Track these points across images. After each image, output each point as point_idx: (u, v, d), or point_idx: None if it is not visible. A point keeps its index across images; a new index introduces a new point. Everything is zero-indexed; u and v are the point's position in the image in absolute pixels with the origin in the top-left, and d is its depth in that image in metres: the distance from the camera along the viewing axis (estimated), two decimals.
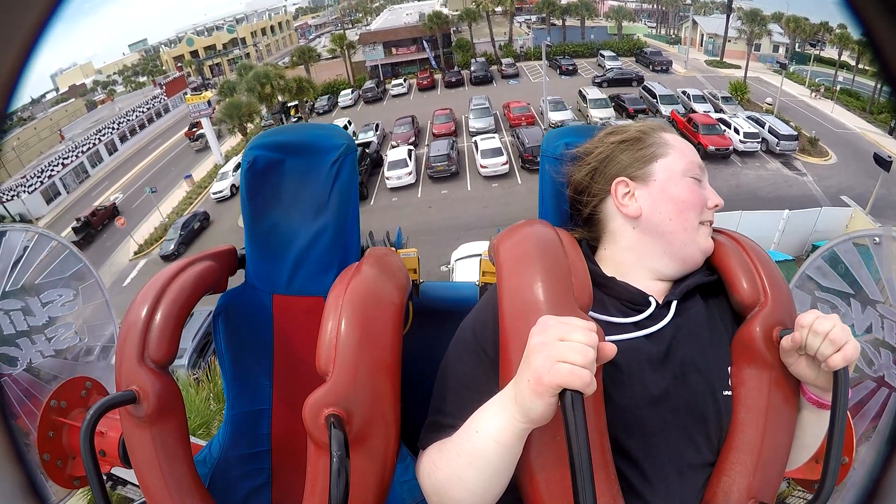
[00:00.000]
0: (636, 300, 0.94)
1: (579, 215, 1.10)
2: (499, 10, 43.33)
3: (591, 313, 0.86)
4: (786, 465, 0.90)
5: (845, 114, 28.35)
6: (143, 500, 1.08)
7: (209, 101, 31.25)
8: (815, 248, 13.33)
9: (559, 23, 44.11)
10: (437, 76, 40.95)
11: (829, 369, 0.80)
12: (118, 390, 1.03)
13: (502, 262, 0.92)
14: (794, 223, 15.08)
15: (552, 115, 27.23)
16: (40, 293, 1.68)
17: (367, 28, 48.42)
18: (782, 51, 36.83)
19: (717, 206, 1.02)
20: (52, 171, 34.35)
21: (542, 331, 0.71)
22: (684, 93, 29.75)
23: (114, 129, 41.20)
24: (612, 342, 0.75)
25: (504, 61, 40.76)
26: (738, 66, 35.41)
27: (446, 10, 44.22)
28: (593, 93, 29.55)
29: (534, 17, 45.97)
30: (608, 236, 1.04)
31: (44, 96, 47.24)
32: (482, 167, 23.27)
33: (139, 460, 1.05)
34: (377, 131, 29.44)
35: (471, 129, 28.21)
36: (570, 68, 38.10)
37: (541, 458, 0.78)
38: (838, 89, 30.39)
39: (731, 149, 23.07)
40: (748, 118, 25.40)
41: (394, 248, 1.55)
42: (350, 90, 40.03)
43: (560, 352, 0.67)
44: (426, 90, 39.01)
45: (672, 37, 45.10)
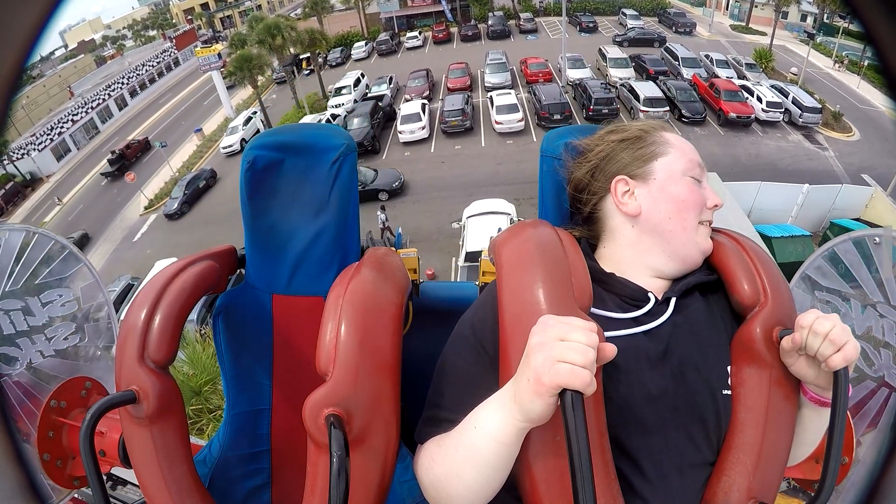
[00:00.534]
0: (635, 296, 0.94)
1: (579, 214, 1.10)
2: None
3: (590, 309, 0.86)
4: (786, 465, 0.90)
5: (872, 90, 27.06)
6: (143, 500, 1.08)
7: (219, 54, 30.63)
8: (832, 225, 13.41)
9: None
10: (454, 29, 40.26)
11: (829, 369, 0.80)
12: (118, 390, 1.04)
13: (503, 262, 0.92)
14: (812, 198, 14.87)
15: (570, 73, 26.61)
16: (40, 293, 1.67)
17: None
18: (810, 21, 35.47)
19: (716, 205, 1.02)
20: (61, 128, 34.28)
21: (542, 330, 0.71)
22: (707, 56, 28.80)
23: (123, 84, 41.13)
24: (611, 338, 0.75)
25: (522, 16, 39.80)
26: (763, 33, 34.21)
27: None
28: (613, 52, 28.75)
29: None
30: (608, 234, 1.04)
31: (52, 53, 46.92)
32: (497, 123, 22.82)
33: (139, 460, 1.06)
34: (391, 84, 29.02)
35: (486, 85, 27.70)
36: (591, 25, 37.09)
37: (540, 457, 0.78)
38: (866, 64, 29.23)
39: (752, 117, 22.50)
40: (772, 87, 24.53)
41: (394, 248, 1.53)
42: (364, 42, 39.41)
43: (560, 352, 0.68)
44: (442, 43, 38.35)
45: None
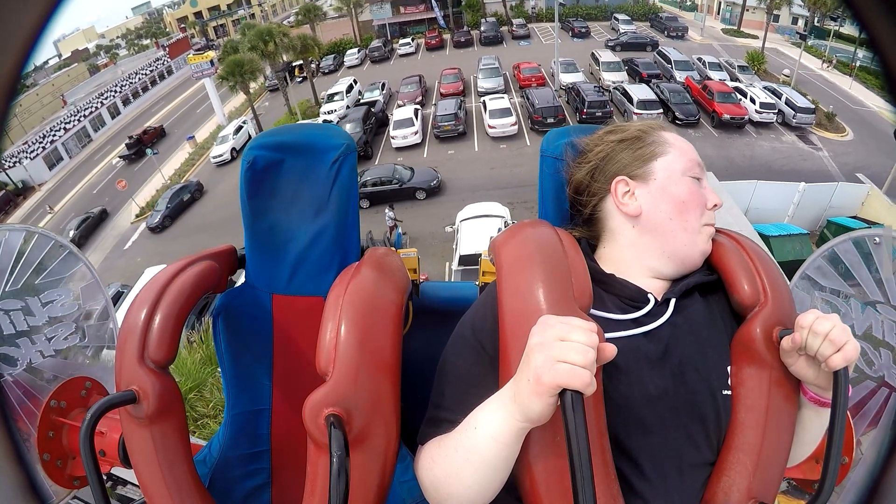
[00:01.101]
0: (635, 297, 0.94)
1: (580, 214, 1.10)
2: None
3: (590, 310, 0.86)
4: (786, 466, 0.90)
5: (864, 91, 27.41)
6: (143, 500, 1.08)
7: (212, 61, 30.69)
8: (829, 223, 13.34)
9: None
10: (446, 36, 40.41)
11: (829, 369, 0.80)
12: (118, 390, 1.03)
13: (503, 262, 0.92)
14: (809, 197, 14.87)
15: (563, 77, 26.75)
16: (40, 293, 1.67)
17: None
18: (801, 23, 35.75)
19: (716, 206, 1.01)
20: (53, 136, 34.23)
21: (542, 330, 0.71)
22: (700, 59, 29.09)
23: (116, 92, 41.12)
24: (611, 340, 0.75)
25: (515, 22, 40.11)
26: (755, 37, 34.54)
27: None
28: (606, 55, 28.98)
29: None
30: (608, 235, 1.04)
31: (46, 63, 46.88)
32: (490, 127, 22.90)
33: (139, 460, 1.05)
34: (383, 90, 29.12)
35: (479, 90, 27.79)
36: (583, 31, 37.41)
37: (540, 457, 0.78)
38: (857, 66, 29.52)
39: (746, 118, 22.61)
40: (765, 88, 24.72)
41: (394, 248, 1.53)
42: (356, 49, 39.61)
43: (560, 352, 0.67)
44: (434, 50, 38.50)
45: (689, 3, 43.75)
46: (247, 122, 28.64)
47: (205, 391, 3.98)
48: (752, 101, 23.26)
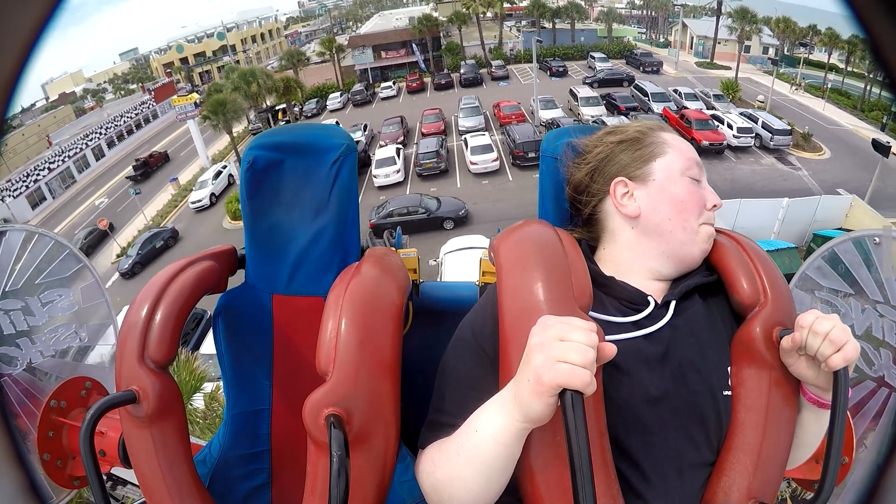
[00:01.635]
0: (635, 300, 0.93)
1: (579, 215, 1.10)
2: (489, 14, 43.45)
3: (590, 313, 0.85)
4: (786, 465, 0.89)
5: (837, 111, 28.66)
6: (143, 500, 1.08)
7: (196, 103, 31.11)
8: (815, 237, 13.32)
9: (549, 26, 44.39)
10: (427, 79, 41.04)
11: (829, 369, 0.79)
12: (118, 390, 1.03)
13: (502, 262, 0.91)
14: (793, 212, 15.02)
15: (542, 113, 27.15)
16: (40, 293, 1.68)
17: (357, 31, 48.50)
18: (772, 52, 37.23)
19: (715, 206, 1.01)
20: (37, 175, 34.29)
21: (542, 330, 0.71)
22: (676, 91, 29.83)
23: (101, 134, 41.09)
24: (611, 342, 0.75)
25: (494, 63, 40.92)
26: (728, 67, 35.83)
27: (436, 14, 44.27)
28: (584, 91, 29.55)
29: (524, 21, 46.11)
30: (607, 236, 1.04)
31: (34, 105, 47.14)
32: (472, 164, 23.05)
33: (139, 460, 1.05)
34: (365, 132, 29.38)
35: (460, 129, 28.09)
36: (561, 70, 38.31)
37: (541, 458, 0.78)
38: (828, 87, 30.61)
39: (724, 143, 23.06)
40: (741, 114, 25.37)
41: (394, 248, 1.55)
42: (339, 93, 40.08)
43: (560, 352, 0.67)
44: (416, 92, 39.07)
45: (662, 40, 45.38)
46: (227, 165, 28.63)
47: (188, 403, 4.00)
48: (730, 126, 23.80)
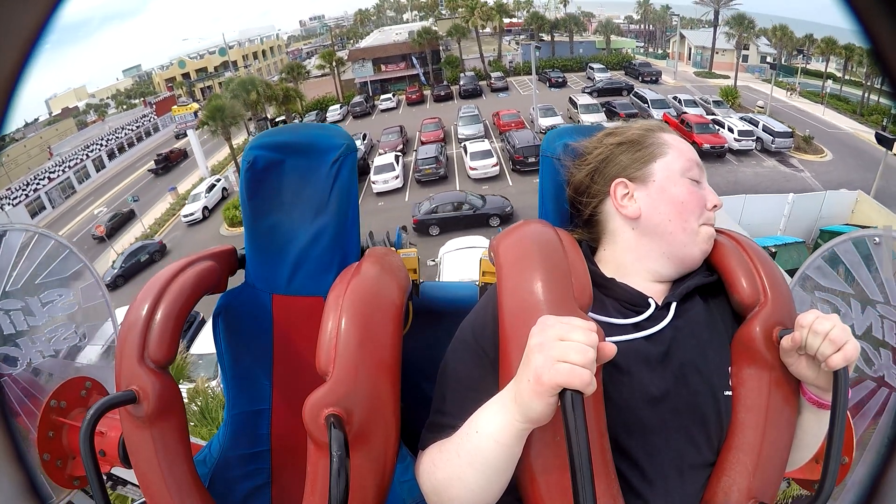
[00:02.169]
0: (635, 301, 0.93)
1: (579, 216, 1.09)
2: (487, 30, 43.85)
3: (590, 314, 0.85)
4: (786, 465, 0.89)
5: (837, 116, 28.96)
6: (143, 500, 1.08)
7: (195, 113, 31.44)
8: (822, 232, 13.15)
9: (548, 38, 44.70)
10: (426, 91, 41.28)
11: (829, 369, 0.79)
12: (118, 390, 1.03)
13: (502, 261, 0.91)
14: (799, 208, 14.90)
15: (542, 121, 27.24)
16: (40, 293, 1.67)
17: (357, 45, 48.93)
18: (770, 59, 37.57)
19: (716, 206, 1.01)
20: (37, 184, 34.46)
21: (541, 330, 0.71)
22: (675, 98, 29.99)
23: (102, 146, 41.28)
24: (612, 343, 0.75)
25: (493, 75, 41.20)
26: (726, 76, 36.13)
27: (435, 28, 44.68)
28: (584, 99, 29.70)
29: (522, 35, 46.51)
30: (608, 237, 1.03)
31: (37, 119, 47.44)
32: (472, 169, 23.05)
33: (139, 460, 1.05)
34: (364, 141, 29.58)
35: (460, 136, 28.19)
36: (560, 81, 38.55)
37: (541, 458, 0.78)
38: (827, 93, 30.79)
39: (725, 146, 23.09)
40: (742, 118, 25.46)
41: (394, 248, 1.55)
42: (339, 106, 40.36)
43: (560, 351, 0.67)
44: (415, 104, 39.27)
45: (660, 52, 45.74)
46: (221, 179, 28.62)
47: None
48: (731, 130, 23.84)
